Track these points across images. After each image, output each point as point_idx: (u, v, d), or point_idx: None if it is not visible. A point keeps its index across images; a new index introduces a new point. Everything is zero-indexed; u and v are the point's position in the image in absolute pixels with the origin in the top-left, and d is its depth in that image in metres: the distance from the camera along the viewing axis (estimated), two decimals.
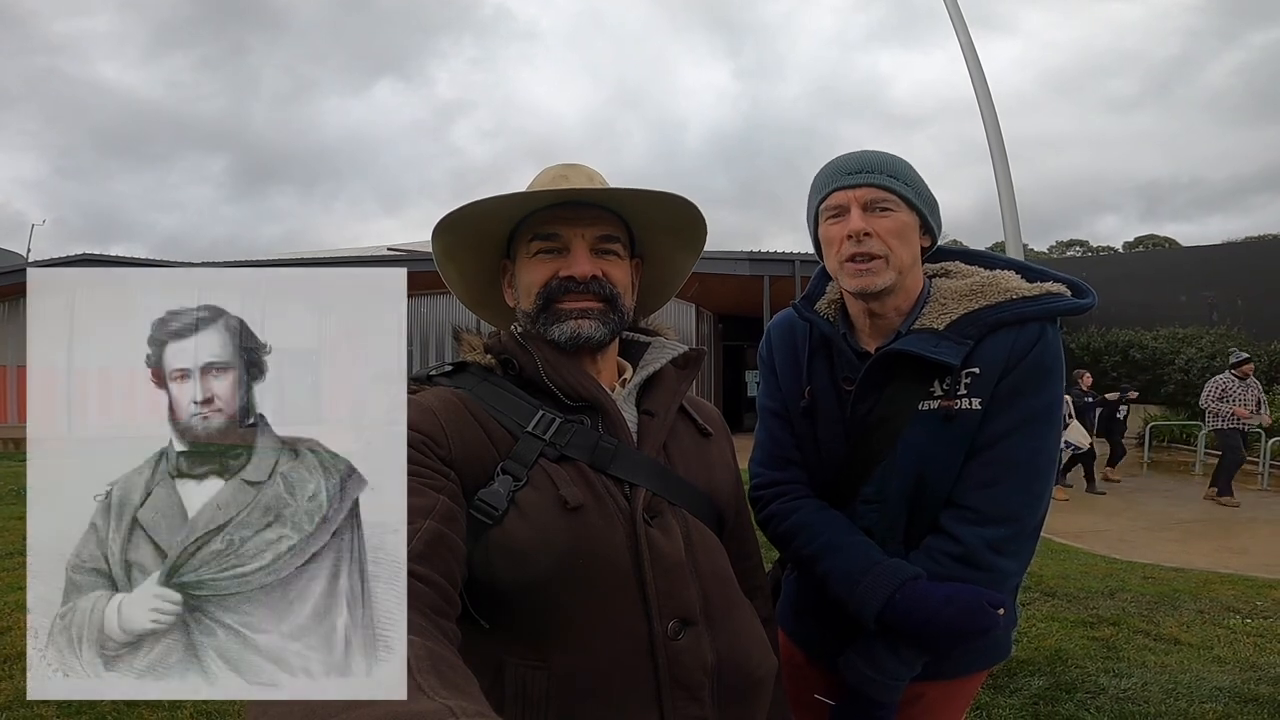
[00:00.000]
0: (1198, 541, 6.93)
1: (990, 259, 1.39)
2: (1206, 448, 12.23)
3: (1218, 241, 28.02)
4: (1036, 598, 4.80)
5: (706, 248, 1.20)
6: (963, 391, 1.23)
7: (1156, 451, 13.76)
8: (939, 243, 1.35)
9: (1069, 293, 1.27)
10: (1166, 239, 46.24)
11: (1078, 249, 48.15)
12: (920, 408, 1.25)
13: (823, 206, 1.29)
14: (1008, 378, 1.21)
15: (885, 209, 1.23)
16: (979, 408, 1.22)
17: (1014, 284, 1.27)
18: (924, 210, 1.27)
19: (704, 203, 1.07)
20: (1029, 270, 1.33)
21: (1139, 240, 47.38)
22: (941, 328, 1.24)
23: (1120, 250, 38.76)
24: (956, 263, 1.38)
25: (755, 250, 13.65)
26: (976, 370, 1.22)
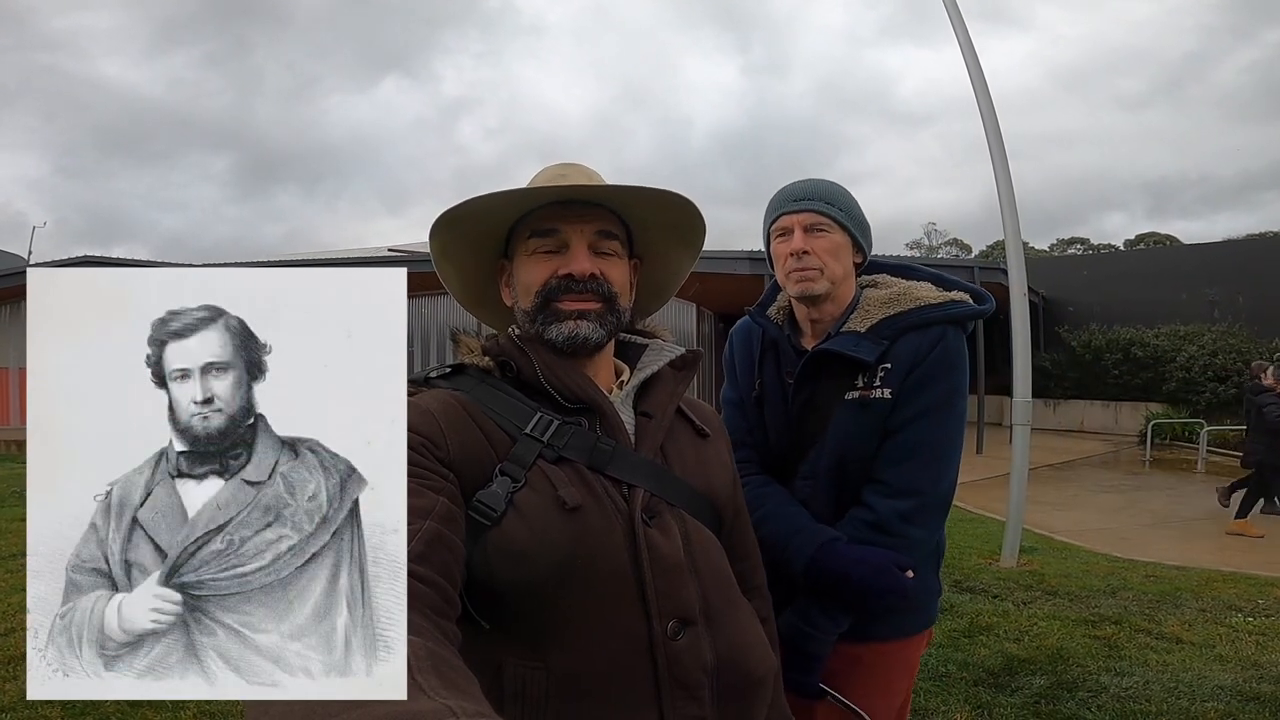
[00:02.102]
0: (1200, 539, 6.94)
1: (913, 272, 1.63)
2: (1210, 445, 12.24)
3: (1226, 238, 27.92)
4: (1038, 596, 4.81)
5: (706, 247, 1.22)
6: (877, 383, 1.45)
7: (1158, 449, 13.77)
8: (870, 257, 1.60)
9: (971, 300, 1.50)
10: (1168, 236, 46.19)
11: (1078, 247, 48.13)
12: (846, 398, 1.47)
13: (773, 228, 1.54)
14: (914, 372, 1.44)
15: (822, 231, 1.48)
16: (889, 397, 1.44)
17: (924, 293, 1.50)
18: (855, 232, 1.52)
19: (708, 201, 1.09)
20: (944, 281, 1.56)
21: (1140, 238, 47.32)
22: (863, 330, 1.47)
23: (1121, 248, 38.77)
24: (885, 275, 1.62)
25: (755, 250, 13.67)
26: (889, 365, 1.45)
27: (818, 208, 1.48)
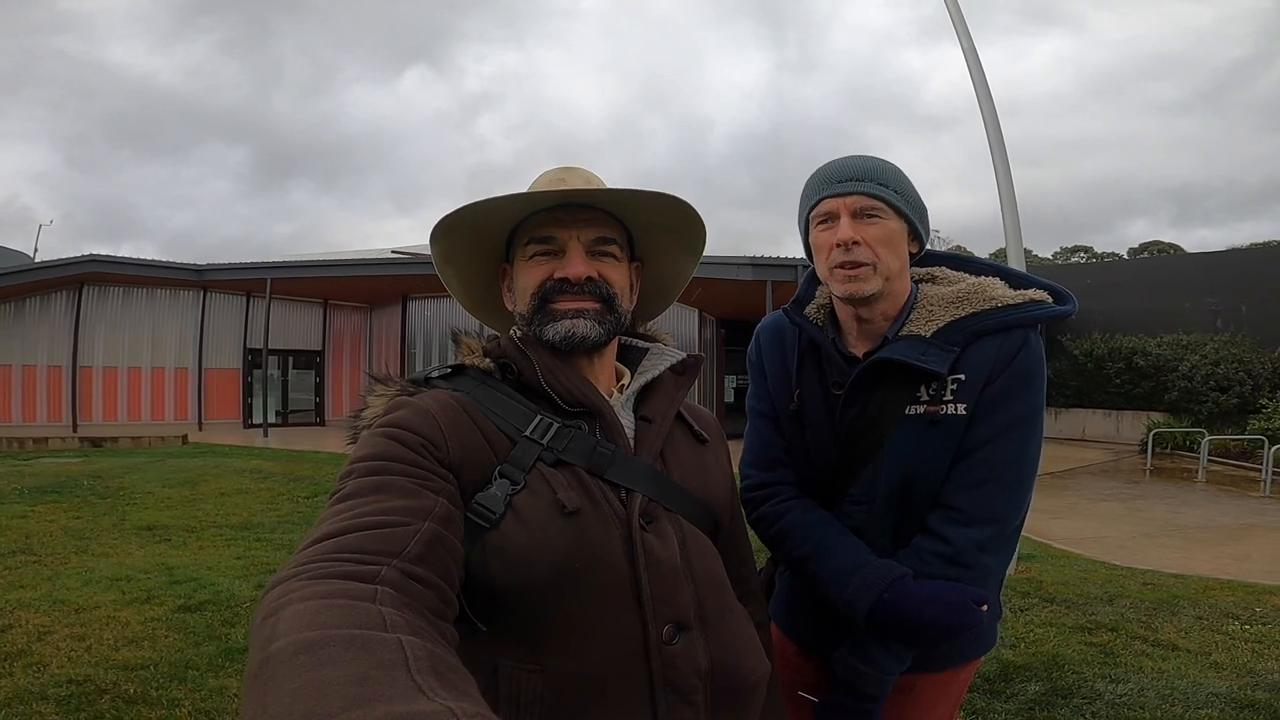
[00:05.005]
0: (1199, 548, 6.93)
1: (976, 264, 1.43)
2: (1212, 454, 12.21)
3: (1231, 247, 27.77)
4: (1035, 603, 4.81)
5: (710, 252, 1.21)
6: (948, 397, 1.26)
7: (1159, 458, 13.75)
8: (926, 246, 1.39)
9: (1051, 299, 1.30)
10: (1172, 245, 46.07)
11: (1082, 255, 48.03)
12: (907, 412, 1.28)
13: (813, 213, 1.32)
14: (993, 384, 1.25)
15: (874, 216, 1.26)
16: (964, 413, 1.25)
17: (998, 291, 1.30)
18: (913, 217, 1.31)
19: (725, 205, 1.10)
20: (1013, 276, 1.36)
21: (1143, 246, 47.22)
22: (928, 335, 1.27)
23: (1125, 257, 38.67)
24: (943, 268, 1.41)
25: (759, 255, 13.67)
26: (962, 377, 1.26)
27: (869, 189, 1.26)
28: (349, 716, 0.50)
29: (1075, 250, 50.45)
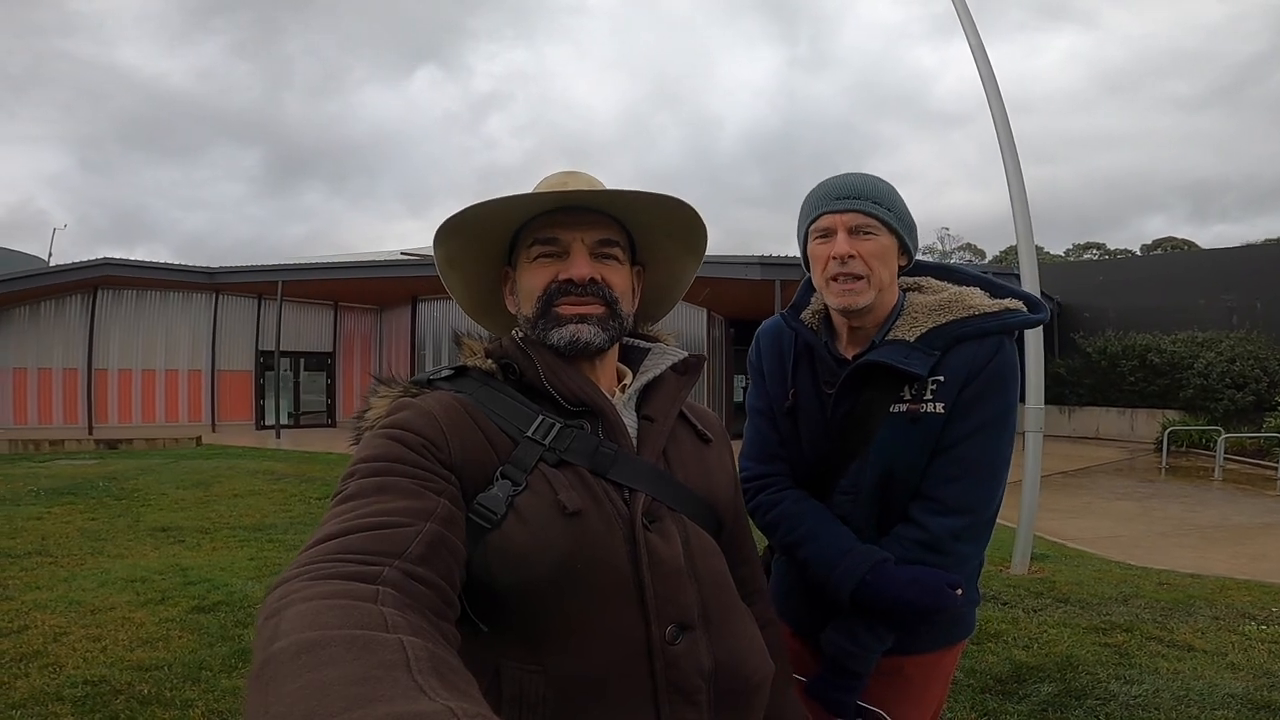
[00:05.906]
0: (1215, 548, 6.87)
1: (960, 274, 1.54)
2: (1228, 452, 12.11)
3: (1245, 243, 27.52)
4: (1049, 603, 4.78)
5: (718, 251, 1.24)
6: (928, 397, 1.37)
7: (1174, 457, 13.64)
8: (917, 256, 1.49)
9: (1025, 308, 1.42)
10: (1185, 241, 45.70)
11: (1094, 252, 47.72)
12: (892, 410, 1.39)
13: (812, 228, 1.43)
14: (969, 386, 1.36)
15: (868, 233, 1.38)
16: (942, 411, 1.37)
17: (977, 300, 1.42)
18: (903, 234, 1.42)
19: (734, 203, 1.10)
20: (993, 286, 1.48)
21: (1157, 243, 46.85)
22: (912, 340, 1.38)
23: (1138, 254, 38.40)
24: (929, 278, 1.53)
25: (768, 255, 13.62)
26: (941, 378, 1.37)
27: (865, 208, 1.37)
28: (350, 716, 0.50)
29: (1087, 247, 50.12)
